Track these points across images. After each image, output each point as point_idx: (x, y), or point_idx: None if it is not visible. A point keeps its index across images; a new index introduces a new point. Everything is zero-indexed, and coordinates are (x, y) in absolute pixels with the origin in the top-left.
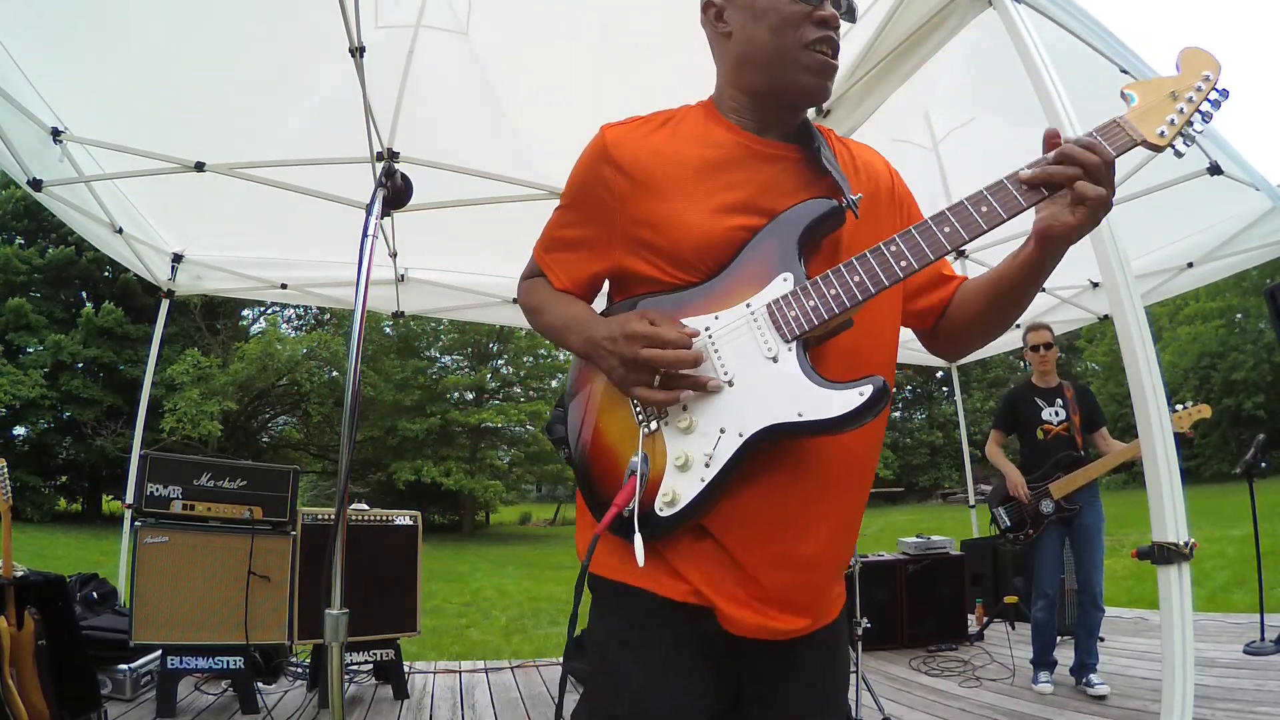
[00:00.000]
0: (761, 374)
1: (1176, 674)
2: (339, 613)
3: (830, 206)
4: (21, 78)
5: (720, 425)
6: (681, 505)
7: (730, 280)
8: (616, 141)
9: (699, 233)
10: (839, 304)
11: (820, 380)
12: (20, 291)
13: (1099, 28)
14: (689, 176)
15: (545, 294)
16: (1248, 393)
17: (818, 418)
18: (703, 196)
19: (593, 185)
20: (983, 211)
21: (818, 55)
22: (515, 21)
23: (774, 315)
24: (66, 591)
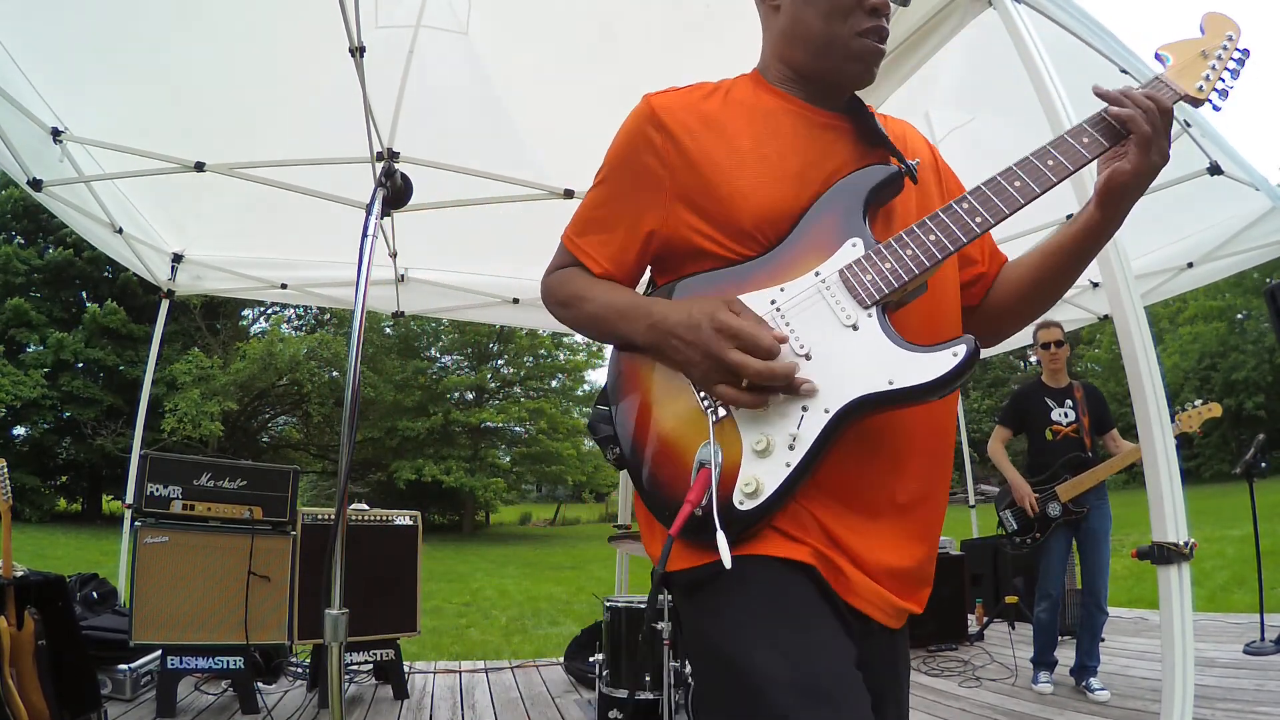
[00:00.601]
0: (842, 344)
1: (1176, 674)
2: (339, 613)
3: (893, 171)
4: (21, 78)
5: (802, 403)
6: (766, 495)
7: (793, 250)
8: (666, 107)
9: (759, 201)
10: (918, 264)
11: (908, 345)
12: (20, 292)
13: (1099, 28)
14: (744, 144)
15: (581, 282)
16: (1248, 393)
17: (911, 384)
18: (759, 164)
19: (640, 154)
20: (1049, 165)
21: (867, 43)
22: (515, 21)
23: (848, 281)
24: (66, 591)
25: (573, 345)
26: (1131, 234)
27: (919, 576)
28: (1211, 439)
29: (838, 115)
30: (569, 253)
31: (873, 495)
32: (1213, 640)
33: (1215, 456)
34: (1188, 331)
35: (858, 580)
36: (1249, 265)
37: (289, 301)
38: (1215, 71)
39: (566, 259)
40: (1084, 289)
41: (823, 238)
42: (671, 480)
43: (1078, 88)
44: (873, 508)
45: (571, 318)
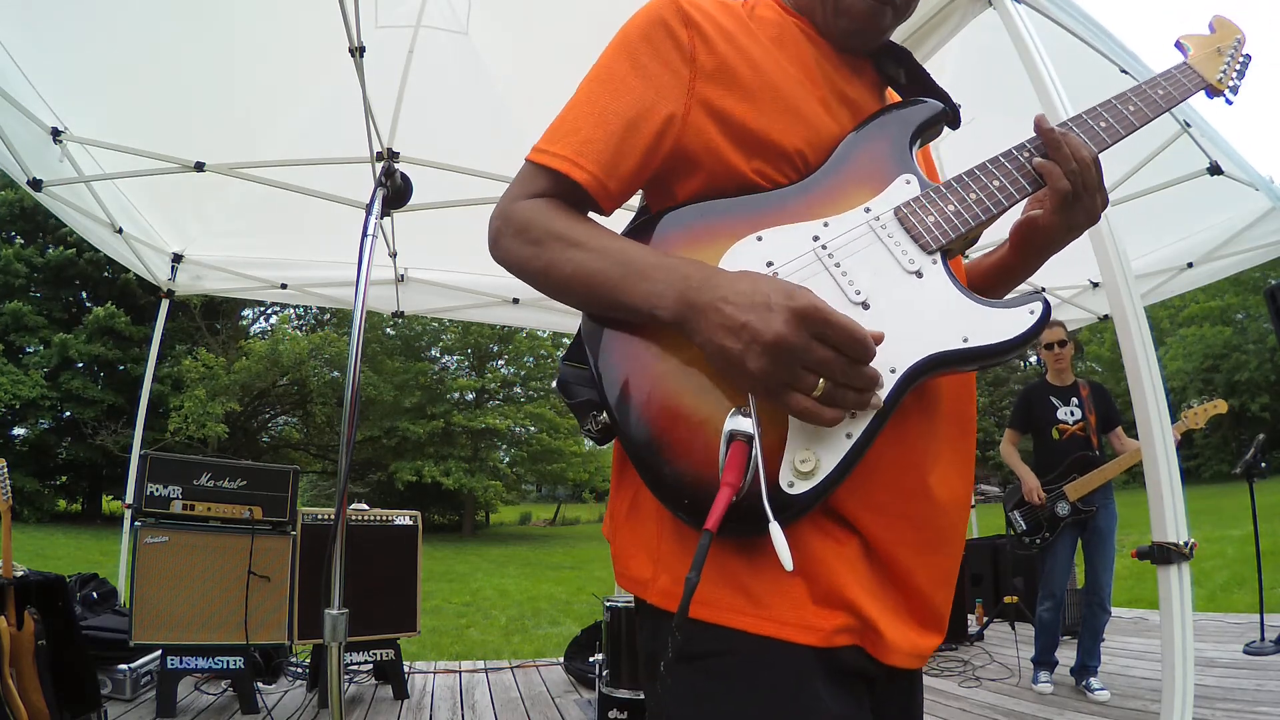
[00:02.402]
0: (906, 293)
1: (1176, 674)
2: (339, 613)
3: (942, 108)
4: (21, 78)
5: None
6: (825, 474)
7: (836, 179)
8: (695, 3)
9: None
10: (984, 210)
11: (980, 298)
12: (20, 293)
13: (1099, 28)
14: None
15: (567, 220)
16: (1251, 394)
17: (986, 342)
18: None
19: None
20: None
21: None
22: (515, 21)
23: (907, 221)
24: (66, 591)
25: None
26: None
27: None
28: (1212, 439)
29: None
30: (539, 169)
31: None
32: (1213, 640)
33: (1215, 456)
34: (1190, 332)
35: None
36: (1249, 265)
37: (289, 301)
38: (1230, 67)
39: (534, 183)
40: (1084, 289)
41: (871, 170)
42: (694, 460)
43: (1078, 88)
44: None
45: (538, 264)
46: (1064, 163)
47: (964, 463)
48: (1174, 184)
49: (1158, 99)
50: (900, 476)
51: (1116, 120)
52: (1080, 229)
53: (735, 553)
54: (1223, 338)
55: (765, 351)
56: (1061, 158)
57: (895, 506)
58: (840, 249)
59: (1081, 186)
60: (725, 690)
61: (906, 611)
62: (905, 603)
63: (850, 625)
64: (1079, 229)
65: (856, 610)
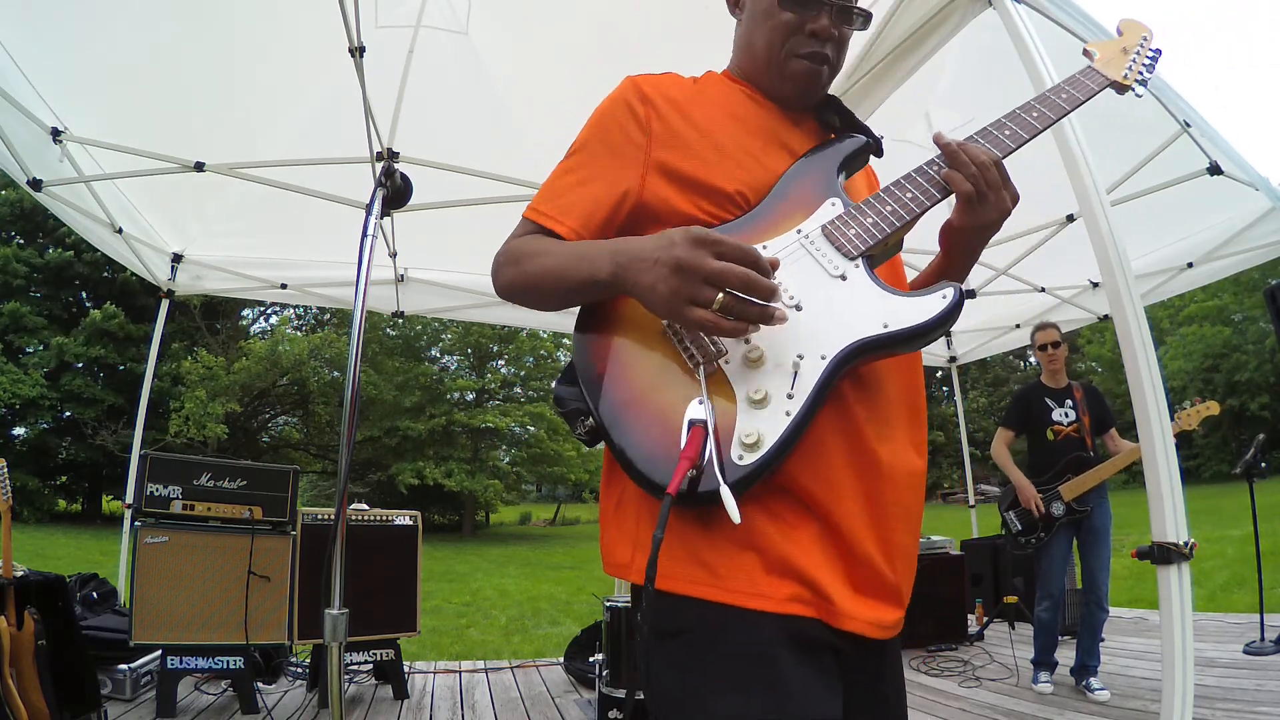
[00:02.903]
0: (832, 293)
1: (1176, 674)
2: (339, 613)
3: (864, 141)
4: (21, 78)
5: (797, 351)
6: (767, 447)
7: (772, 211)
8: (649, 82)
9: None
10: (898, 218)
11: (897, 291)
12: (20, 293)
13: (1099, 28)
14: (727, 116)
15: (543, 242)
16: (1251, 393)
17: (904, 325)
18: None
19: (623, 122)
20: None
21: (802, 65)
22: (515, 21)
23: (831, 236)
24: (66, 591)
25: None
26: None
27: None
28: (1212, 439)
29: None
30: (532, 222)
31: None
32: (1213, 640)
33: (1215, 456)
34: (1190, 332)
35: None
36: (1249, 265)
37: (289, 301)
38: (1136, 64)
39: (525, 230)
40: (1084, 289)
41: (802, 199)
42: (660, 446)
43: None
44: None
45: (520, 275)
46: (963, 168)
47: (916, 446)
48: (1174, 184)
49: (1060, 102)
50: (852, 456)
51: (1020, 126)
52: (993, 224)
53: (695, 532)
54: (1222, 337)
55: (671, 273)
56: (960, 164)
57: (848, 484)
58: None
59: (985, 186)
60: (698, 659)
61: (862, 581)
62: (859, 574)
63: (801, 595)
64: (992, 224)
65: (807, 579)
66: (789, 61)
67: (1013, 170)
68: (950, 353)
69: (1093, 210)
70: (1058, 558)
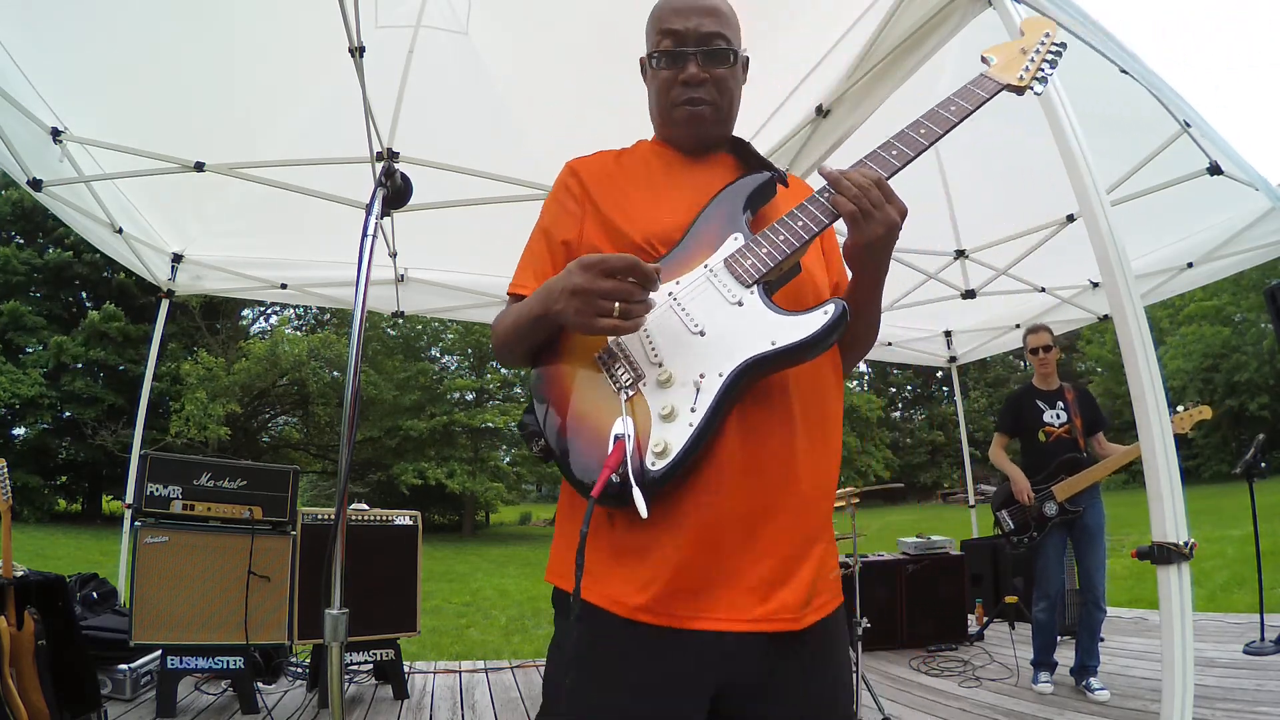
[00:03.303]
0: (730, 318)
1: (1176, 674)
2: (339, 613)
3: (766, 177)
4: (21, 78)
5: (699, 371)
6: (674, 454)
7: (685, 251)
8: (581, 164)
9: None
10: (789, 245)
11: (787, 311)
12: (20, 292)
13: (1098, 28)
14: (640, 181)
15: (509, 306)
16: (1250, 394)
17: (790, 341)
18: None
19: (563, 199)
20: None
21: (684, 110)
22: (515, 21)
23: (731, 268)
24: (66, 591)
25: None
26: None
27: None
28: (1212, 439)
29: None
30: (511, 296)
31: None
32: (1213, 640)
33: (1215, 456)
34: (1190, 331)
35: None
36: (1249, 265)
37: (289, 301)
38: (1034, 64)
39: (508, 303)
40: (1084, 289)
41: (709, 237)
42: (592, 457)
43: (1078, 88)
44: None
45: (500, 336)
46: (845, 192)
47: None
48: (1174, 184)
49: (949, 115)
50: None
51: (907, 145)
52: (881, 238)
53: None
54: (1221, 338)
55: (573, 296)
56: (843, 189)
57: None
58: (684, 297)
59: (868, 205)
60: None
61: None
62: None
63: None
64: (880, 239)
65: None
66: (674, 111)
67: (1011, 171)
68: (950, 353)
69: (1093, 210)
70: (1053, 558)
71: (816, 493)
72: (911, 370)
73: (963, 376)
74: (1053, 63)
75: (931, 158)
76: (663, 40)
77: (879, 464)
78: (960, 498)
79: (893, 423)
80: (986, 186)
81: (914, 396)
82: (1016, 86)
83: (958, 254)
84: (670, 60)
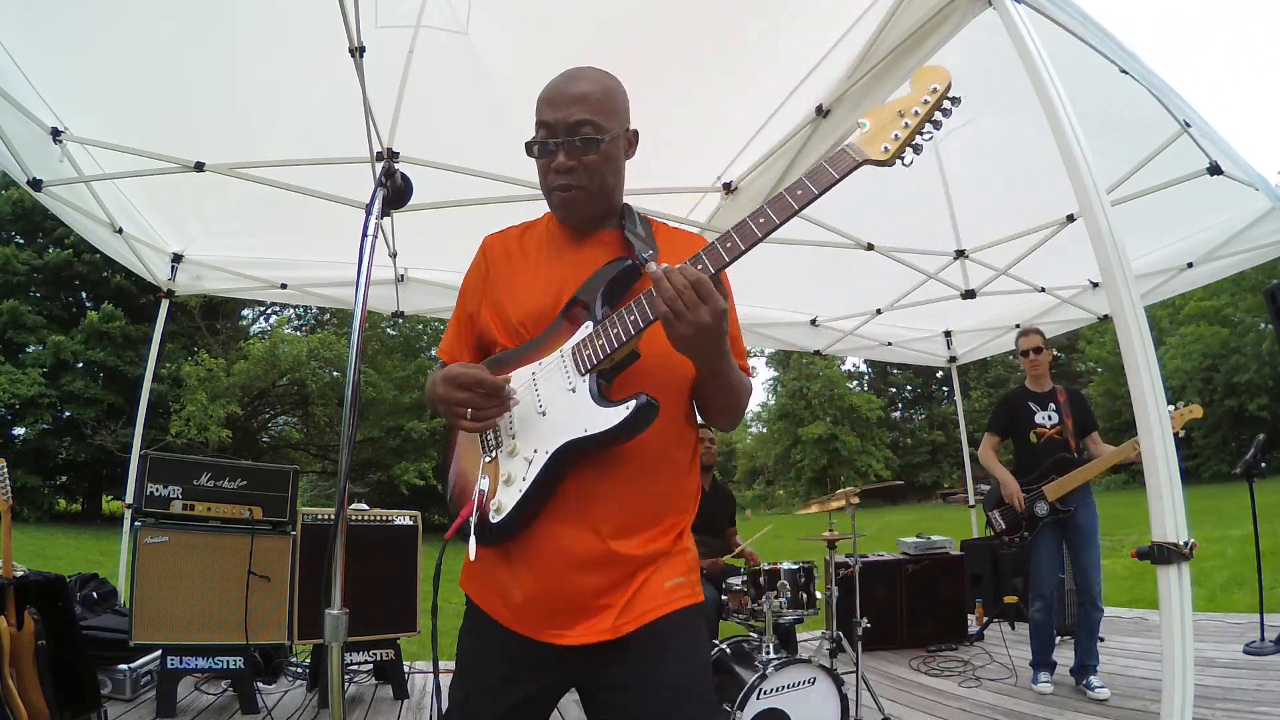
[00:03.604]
0: (564, 403)
1: (1176, 674)
2: (339, 613)
3: (625, 265)
4: (21, 78)
5: (534, 447)
6: (506, 512)
7: (551, 335)
8: (490, 242)
9: (525, 306)
10: (619, 339)
11: (602, 401)
12: (20, 291)
13: (1099, 28)
14: (526, 266)
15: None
16: (1250, 394)
17: (595, 430)
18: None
19: (472, 276)
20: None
21: (557, 195)
22: (515, 21)
23: (575, 355)
24: (66, 591)
25: None
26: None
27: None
28: (1212, 439)
29: (606, 231)
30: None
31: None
32: (1213, 640)
33: (1215, 456)
34: (1189, 331)
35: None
36: (1249, 265)
37: (289, 301)
38: (908, 129)
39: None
40: (1084, 289)
41: (571, 324)
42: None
43: (1078, 88)
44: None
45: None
46: (663, 293)
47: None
48: (1174, 184)
49: (792, 202)
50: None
51: (741, 237)
52: (693, 339)
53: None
54: (1220, 338)
55: (439, 402)
56: (661, 290)
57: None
58: (541, 378)
59: (681, 308)
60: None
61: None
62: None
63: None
64: (691, 339)
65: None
66: (551, 195)
67: (1012, 169)
68: (950, 353)
69: (1093, 210)
70: (1046, 558)
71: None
72: (911, 370)
73: (963, 376)
74: (937, 122)
75: (932, 158)
76: (538, 131)
77: (879, 464)
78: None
79: (893, 423)
80: (986, 186)
81: (914, 396)
82: (877, 161)
83: (958, 254)
84: (541, 150)
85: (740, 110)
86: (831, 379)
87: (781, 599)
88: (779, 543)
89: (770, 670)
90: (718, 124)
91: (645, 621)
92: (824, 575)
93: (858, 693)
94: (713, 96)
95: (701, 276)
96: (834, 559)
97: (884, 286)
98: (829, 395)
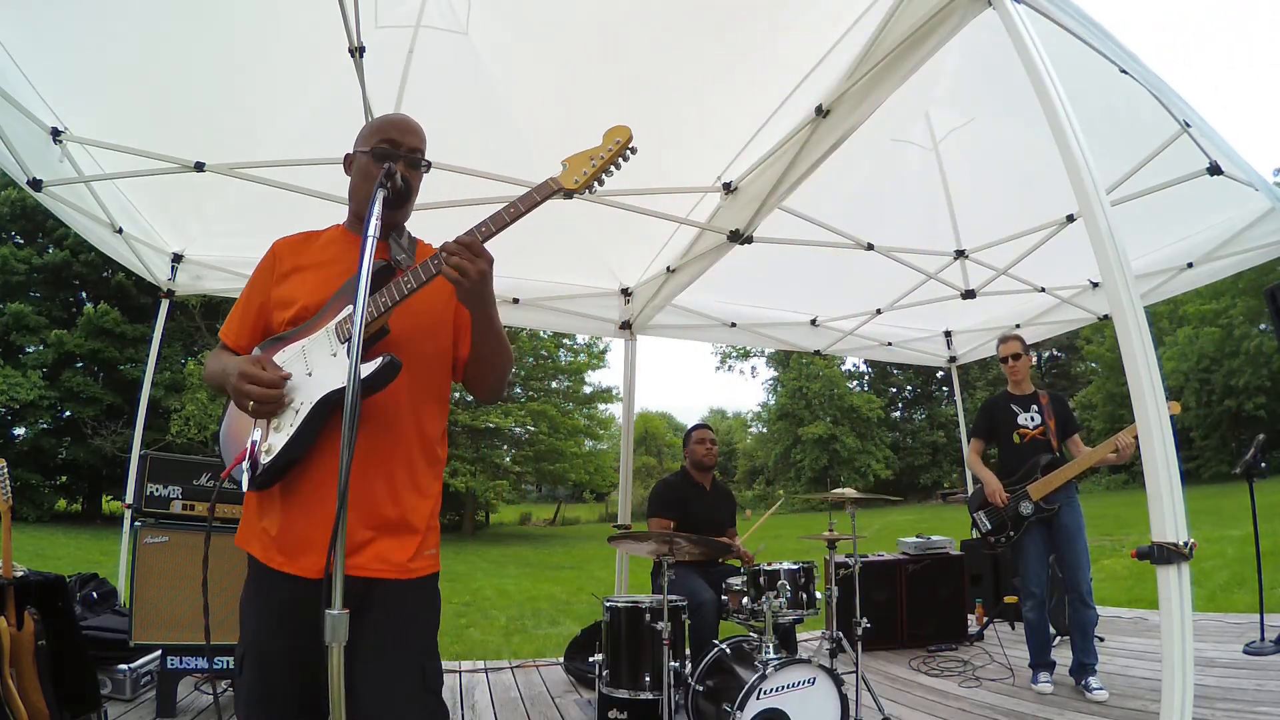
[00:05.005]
0: (328, 365)
1: (1176, 674)
2: (339, 613)
3: (382, 264)
4: (21, 78)
5: (303, 400)
6: (275, 452)
7: (320, 319)
8: (281, 244)
9: (307, 298)
10: (373, 315)
11: (362, 362)
12: (19, 291)
13: (1099, 28)
14: (316, 260)
15: (218, 354)
16: (1248, 394)
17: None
18: (308, 273)
19: (263, 270)
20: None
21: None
22: (515, 21)
23: (337, 330)
24: (66, 591)
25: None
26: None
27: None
28: (1211, 440)
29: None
30: (219, 340)
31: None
32: (1213, 640)
33: (1215, 456)
34: (1185, 333)
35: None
36: (1249, 265)
37: None
38: (594, 168)
39: (219, 345)
40: (1084, 289)
41: (335, 309)
42: (233, 455)
43: (1078, 88)
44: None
45: (208, 377)
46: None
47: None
48: (1174, 184)
49: (505, 217)
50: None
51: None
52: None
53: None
54: (1215, 339)
55: (232, 391)
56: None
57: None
58: (310, 350)
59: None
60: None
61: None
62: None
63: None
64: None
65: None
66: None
67: (1012, 169)
68: (950, 353)
69: (1093, 210)
70: (1032, 557)
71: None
72: (912, 370)
73: (963, 376)
74: (618, 165)
75: (931, 157)
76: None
77: (879, 464)
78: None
79: (893, 423)
80: (986, 186)
81: (914, 396)
82: (567, 190)
83: (958, 254)
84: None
85: (740, 110)
86: (831, 379)
87: (781, 599)
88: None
89: (770, 670)
90: (718, 124)
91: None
92: (824, 575)
93: (857, 693)
94: (713, 96)
95: (474, 238)
96: (834, 559)
97: (884, 286)
98: (829, 395)
